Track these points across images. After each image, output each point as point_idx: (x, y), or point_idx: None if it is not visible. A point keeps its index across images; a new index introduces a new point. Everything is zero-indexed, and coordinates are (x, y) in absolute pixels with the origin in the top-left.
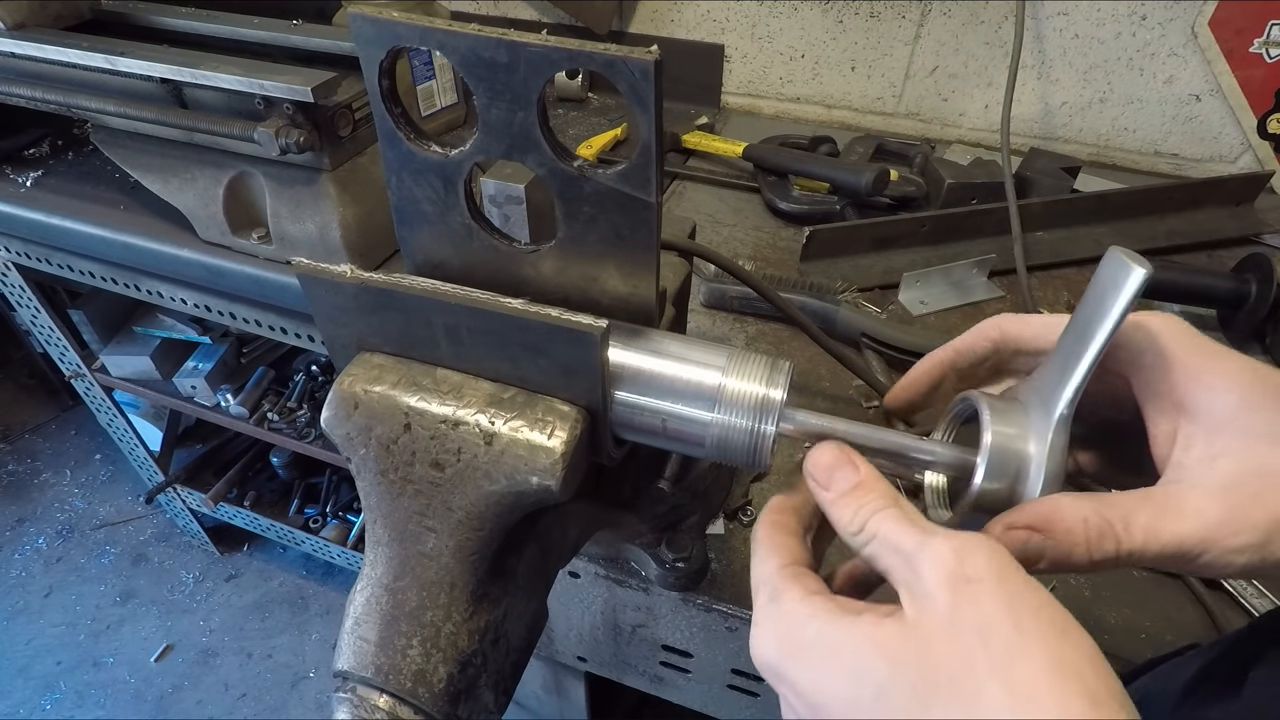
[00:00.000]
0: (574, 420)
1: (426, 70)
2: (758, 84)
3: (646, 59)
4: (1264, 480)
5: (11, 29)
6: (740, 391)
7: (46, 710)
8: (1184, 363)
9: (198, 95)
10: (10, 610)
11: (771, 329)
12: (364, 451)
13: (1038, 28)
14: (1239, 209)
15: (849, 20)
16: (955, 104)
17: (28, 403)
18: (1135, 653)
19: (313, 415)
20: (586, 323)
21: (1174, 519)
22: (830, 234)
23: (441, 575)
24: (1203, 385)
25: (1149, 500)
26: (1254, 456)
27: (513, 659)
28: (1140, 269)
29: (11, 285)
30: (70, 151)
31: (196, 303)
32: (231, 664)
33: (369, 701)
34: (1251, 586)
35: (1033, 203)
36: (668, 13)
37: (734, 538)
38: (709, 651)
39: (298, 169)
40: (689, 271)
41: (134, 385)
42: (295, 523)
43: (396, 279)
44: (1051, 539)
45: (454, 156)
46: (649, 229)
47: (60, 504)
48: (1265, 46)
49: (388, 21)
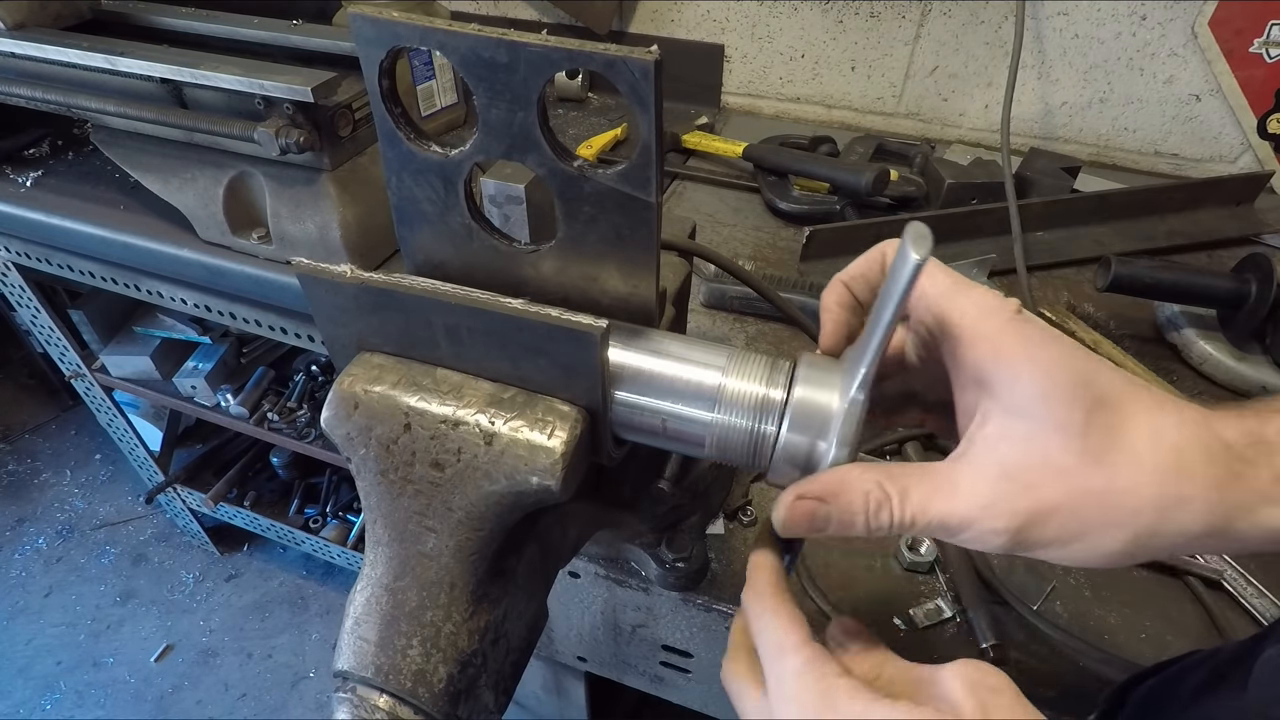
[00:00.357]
0: (574, 420)
1: (426, 70)
2: (758, 84)
3: (646, 59)
4: (1041, 471)
5: (11, 29)
6: (740, 391)
7: (46, 710)
8: (992, 342)
9: (198, 95)
10: (10, 610)
11: (771, 329)
12: (364, 451)
13: (1038, 28)
14: (1239, 209)
15: (849, 20)
16: (955, 104)
17: (28, 403)
18: (1136, 653)
19: (313, 415)
20: (586, 323)
21: (945, 498)
22: (830, 234)
23: (441, 575)
24: (1005, 366)
25: (927, 477)
26: (1038, 445)
27: (513, 659)
28: (915, 256)
29: (11, 285)
30: (70, 151)
31: (196, 303)
32: (231, 664)
33: (369, 701)
34: (1251, 586)
35: (1033, 203)
36: (668, 13)
37: (734, 538)
38: (709, 651)
39: (298, 169)
40: (689, 271)
41: (134, 385)
42: (295, 523)
43: (396, 279)
44: (836, 508)
45: (454, 156)
46: (649, 229)
47: (60, 504)
48: (1265, 46)
49: (388, 21)
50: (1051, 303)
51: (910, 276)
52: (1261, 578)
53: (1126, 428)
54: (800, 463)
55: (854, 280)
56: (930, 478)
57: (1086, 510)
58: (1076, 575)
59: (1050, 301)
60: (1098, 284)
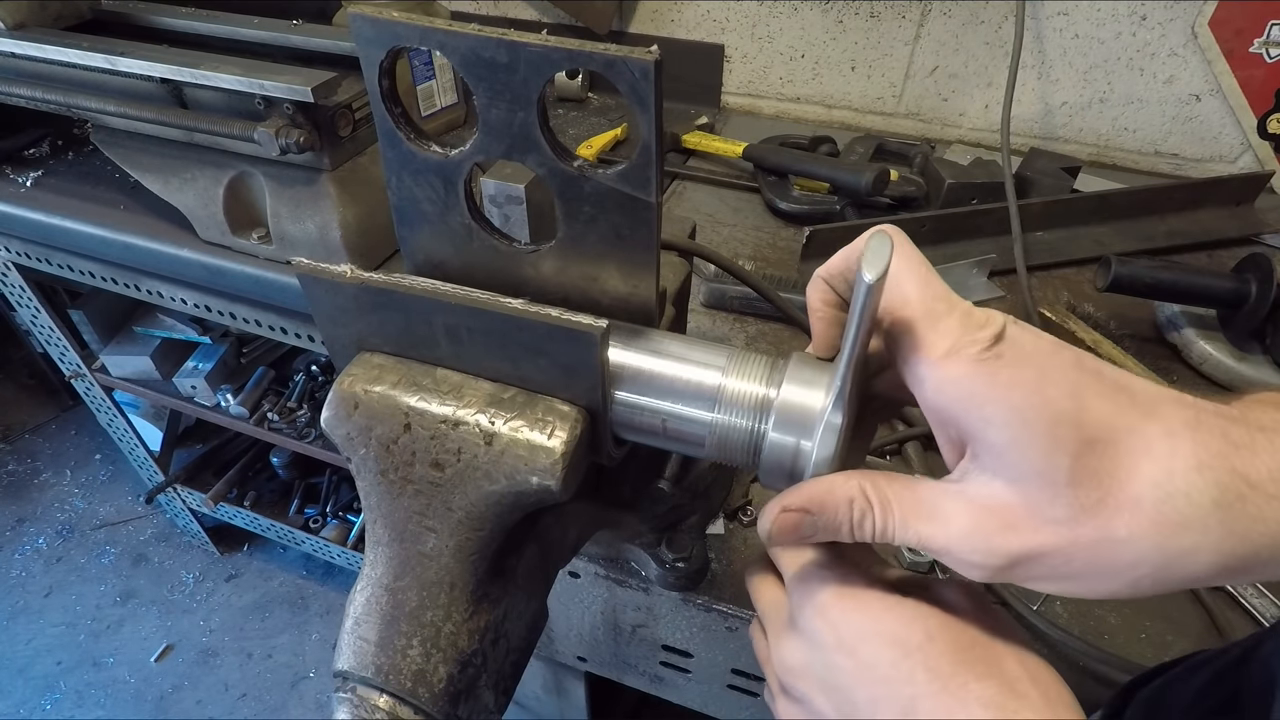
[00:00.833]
0: (574, 420)
1: (426, 70)
2: (758, 84)
3: (646, 59)
4: (1026, 517)
5: (11, 29)
6: (740, 391)
7: (46, 710)
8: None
9: (198, 95)
10: (10, 610)
11: (771, 329)
12: (364, 451)
13: (1038, 28)
14: (1239, 209)
15: (849, 20)
16: (955, 104)
17: (28, 403)
18: (1136, 653)
19: (313, 415)
20: (586, 323)
21: (926, 519)
22: (830, 234)
23: (441, 575)
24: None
25: (910, 492)
26: (1021, 492)
27: (513, 659)
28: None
29: (11, 285)
30: (70, 151)
31: (196, 303)
32: (231, 664)
33: (369, 701)
34: (1252, 587)
35: (1033, 203)
36: (668, 13)
37: (734, 538)
38: (709, 651)
39: (298, 169)
40: (689, 271)
41: (134, 385)
42: (295, 523)
43: (396, 279)
44: (821, 519)
45: (454, 156)
46: (649, 229)
47: (60, 504)
48: (1265, 46)
49: (388, 21)
50: (1051, 303)
51: (864, 298)
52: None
53: (1123, 473)
54: (787, 464)
55: (833, 277)
56: (914, 493)
57: (1078, 557)
58: None
59: (1050, 301)
60: (1098, 284)
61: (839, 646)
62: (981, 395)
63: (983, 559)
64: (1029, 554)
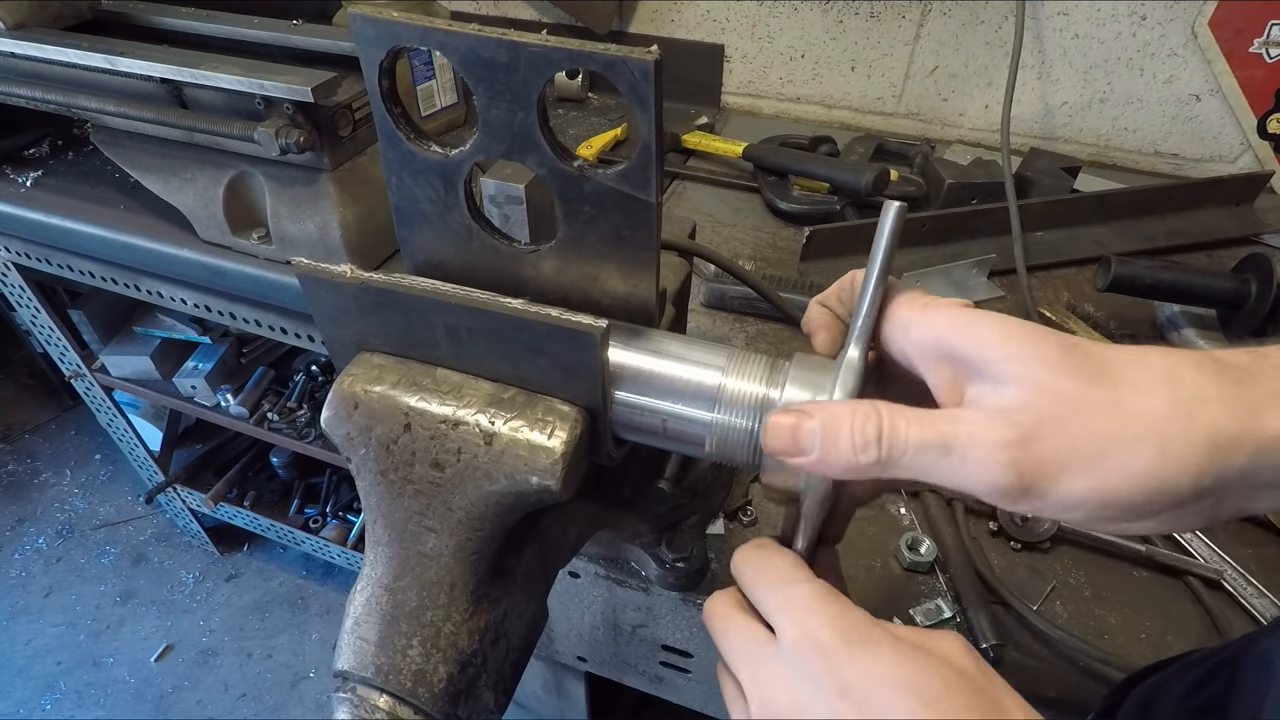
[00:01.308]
0: (574, 420)
1: (426, 70)
2: (758, 84)
3: (646, 59)
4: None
5: (11, 29)
6: (740, 391)
7: (46, 710)
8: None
9: (198, 95)
10: (10, 610)
11: (771, 329)
12: (364, 451)
13: (1038, 28)
14: (1239, 209)
15: (849, 20)
16: (955, 104)
17: (28, 403)
18: (1136, 653)
19: (313, 415)
20: (586, 323)
21: (939, 417)
22: (830, 234)
23: (441, 575)
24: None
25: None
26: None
27: (513, 659)
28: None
29: (11, 285)
30: (70, 151)
31: (196, 303)
32: (231, 664)
33: (369, 701)
34: (1251, 586)
35: (1033, 203)
36: (668, 13)
37: (734, 538)
38: (709, 651)
39: (298, 169)
40: (689, 271)
41: (134, 385)
42: (295, 523)
43: (396, 279)
44: (819, 422)
45: (454, 156)
46: (649, 229)
47: (60, 504)
48: (1265, 46)
49: (388, 21)
50: (1051, 303)
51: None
52: (1261, 578)
53: (1111, 356)
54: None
55: (829, 298)
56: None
57: (1095, 422)
58: (1076, 575)
59: (1050, 301)
60: (1098, 284)
61: (844, 692)
62: (969, 320)
63: (1008, 433)
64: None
